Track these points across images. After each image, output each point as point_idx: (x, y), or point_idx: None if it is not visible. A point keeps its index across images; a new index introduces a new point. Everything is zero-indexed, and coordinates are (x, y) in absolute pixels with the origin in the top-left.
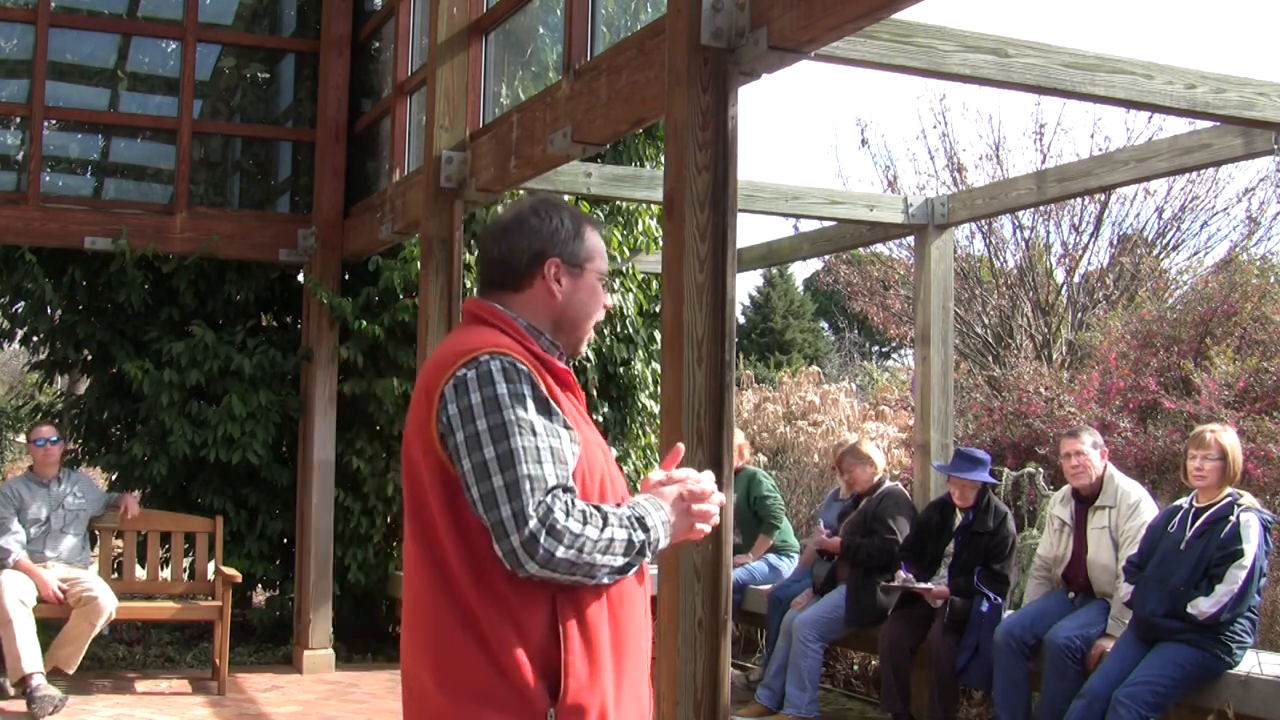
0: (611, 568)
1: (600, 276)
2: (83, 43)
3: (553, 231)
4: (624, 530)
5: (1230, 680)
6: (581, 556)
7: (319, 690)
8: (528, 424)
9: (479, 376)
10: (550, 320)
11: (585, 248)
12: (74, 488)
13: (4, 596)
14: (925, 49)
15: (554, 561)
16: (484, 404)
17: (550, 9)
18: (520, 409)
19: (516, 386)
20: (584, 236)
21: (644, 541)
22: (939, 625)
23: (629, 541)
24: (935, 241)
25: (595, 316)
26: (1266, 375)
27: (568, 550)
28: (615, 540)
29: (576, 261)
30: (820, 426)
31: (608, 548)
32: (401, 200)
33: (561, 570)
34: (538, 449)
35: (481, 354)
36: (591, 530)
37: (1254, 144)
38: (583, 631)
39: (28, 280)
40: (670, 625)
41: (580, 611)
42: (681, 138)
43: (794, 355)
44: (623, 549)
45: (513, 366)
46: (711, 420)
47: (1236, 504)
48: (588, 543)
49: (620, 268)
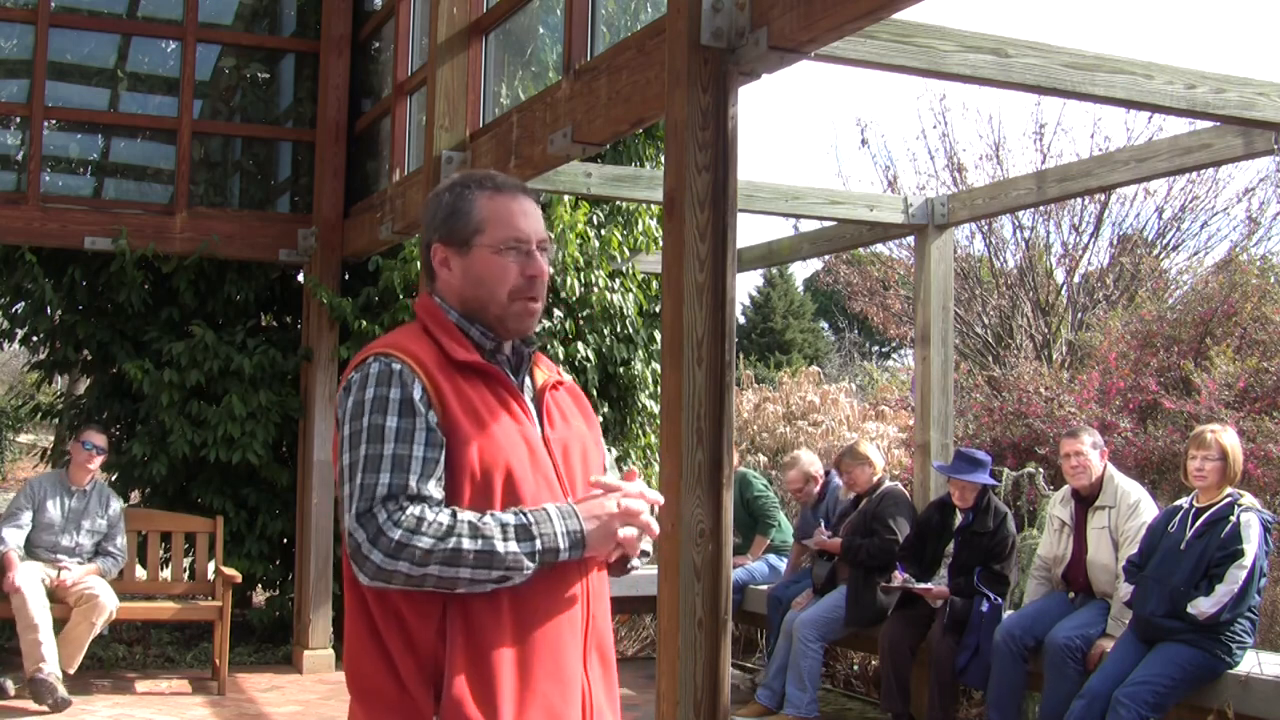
0: (468, 580)
1: (502, 246)
2: (83, 43)
3: (432, 216)
4: (479, 541)
5: (1230, 680)
6: (417, 569)
7: (319, 690)
8: (378, 429)
9: (361, 380)
10: (463, 305)
11: (471, 221)
12: (97, 512)
13: (27, 600)
14: (925, 49)
15: (384, 573)
16: (353, 408)
17: (550, 9)
18: (376, 414)
19: (382, 389)
20: (467, 210)
21: (520, 553)
22: (939, 625)
23: (488, 553)
24: (935, 241)
25: (505, 290)
26: (1266, 375)
27: (395, 561)
28: (464, 550)
29: (459, 239)
30: (820, 426)
31: (450, 559)
32: (401, 200)
33: (398, 581)
34: (380, 456)
35: (370, 355)
36: (423, 540)
37: (1254, 144)
38: (471, 644)
39: (28, 280)
40: (670, 625)
41: (470, 623)
42: (681, 138)
43: (794, 355)
44: (476, 560)
45: (387, 368)
46: (711, 420)
47: (1237, 504)
48: (418, 552)
49: (620, 268)
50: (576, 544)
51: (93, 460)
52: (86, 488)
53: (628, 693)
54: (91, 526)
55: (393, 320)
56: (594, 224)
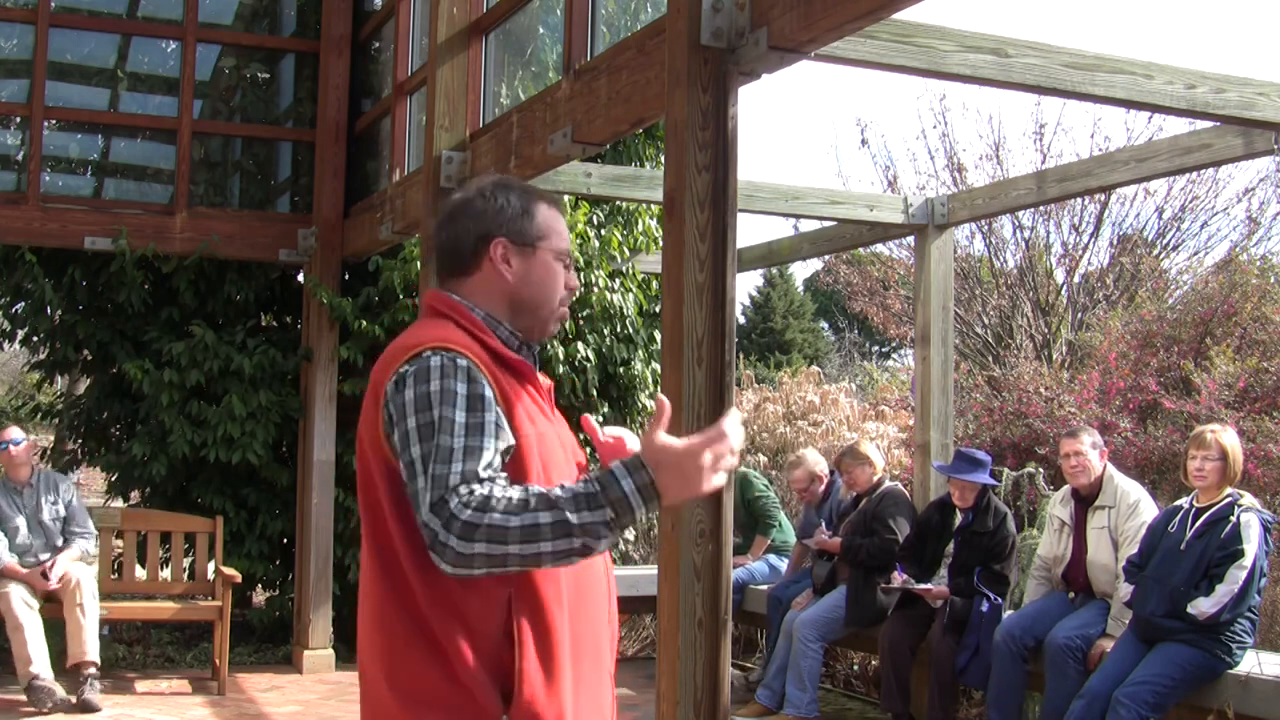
0: (549, 553)
1: (558, 255)
2: (83, 43)
3: (498, 210)
4: (551, 513)
5: (1230, 680)
6: (498, 548)
7: (319, 690)
8: (450, 422)
9: (417, 373)
10: (506, 305)
11: (536, 225)
12: (48, 497)
13: (11, 601)
14: (925, 49)
15: (464, 557)
16: (415, 401)
17: (550, 9)
18: (447, 406)
19: (449, 382)
20: (534, 214)
21: (594, 520)
22: (939, 625)
23: (562, 523)
24: (935, 241)
25: (556, 297)
26: (1266, 375)
27: (471, 544)
28: (540, 525)
29: (526, 240)
30: (820, 426)
31: (529, 534)
32: (401, 200)
33: (480, 565)
34: (451, 449)
35: (424, 349)
36: (494, 516)
37: (1254, 144)
38: (538, 634)
39: (28, 280)
40: (670, 625)
41: (536, 612)
42: (681, 138)
43: (794, 355)
44: (553, 532)
45: (451, 362)
46: (711, 420)
47: (1237, 504)
48: (495, 530)
49: (620, 268)
50: (650, 495)
51: (19, 457)
52: (31, 481)
53: (628, 692)
54: (51, 515)
55: (393, 320)
56: (594, 224)
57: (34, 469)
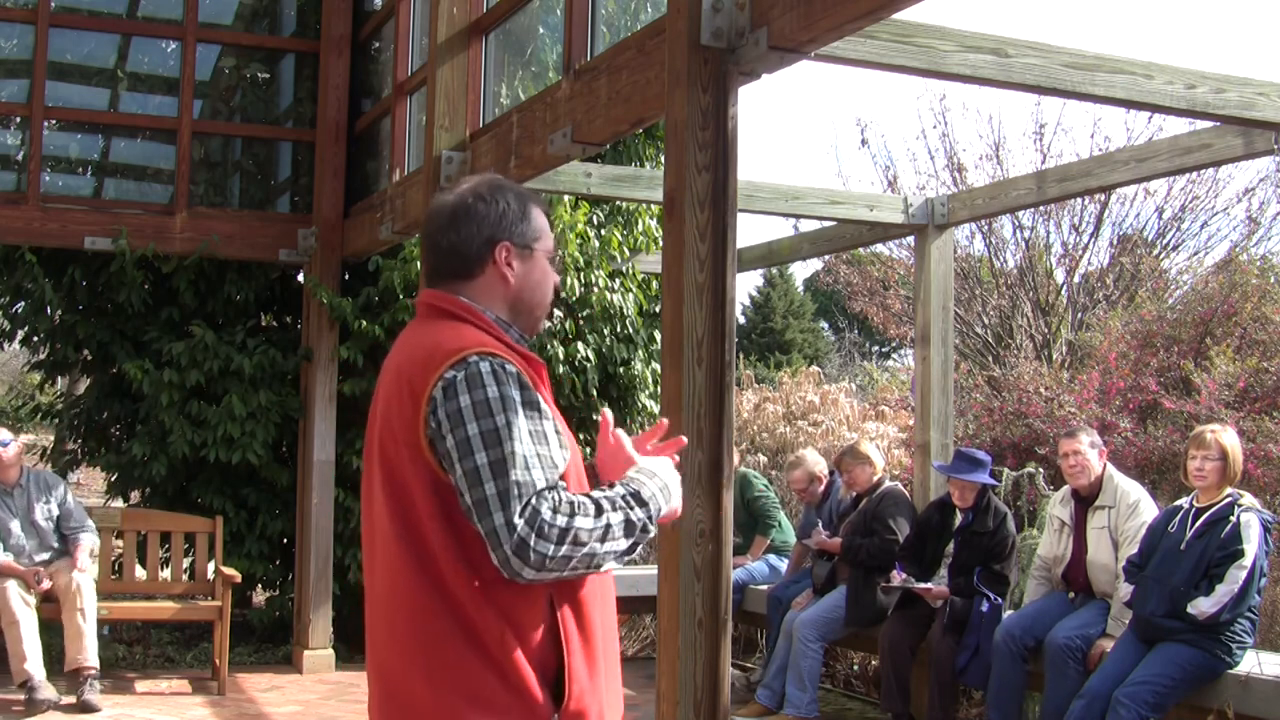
0: (616, 552)
1: (549, 255)
2: (83, 43)
3: (501, 215)
4: (619, 513)
5: (1230, 680)
6: (579, 550)
7: (319, 690)
8: (517, 429)
9: (468, 379)
10: (507, 306)
11: (533, 227)
12: (40, 498)
13: (9, 597)
14: (925, 49)
15: (550, 562)
16: (474, 407)
17: (550, 9)
18: (510, 413)
19: (506, 389)
20: (530, 216)
21: (644, 518)
22: (939, 625)
23: (628, 522)
24: (935, 241)
25: (550, 296)
26: (1266, 375)
27: (559, 547)
28: (612, 525)
29: (526, 243)
30: (820, 426)
31: (605, 534)
32: (401, 200)
33: (561, 569)
34: (525, 456)
35: (469, 355)
36: (583, 520)
37: (1254, 144)
38: (581, 632)
39: (28, 280)
40: (670, 625)
41: (578, 611)
42: (681, 138)
43: (794, 355)
44: (623, 531)
45: (502, 368)
46: (711, 420)
47: (1237, 504)
48: (581, 533)
49: (620, 268)
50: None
51: (6, 458)
52: (21, 482)
53: (628, 692)
54: (44, 514)
55: (393, 320)
56: (594, 224)
57: (24, 470)
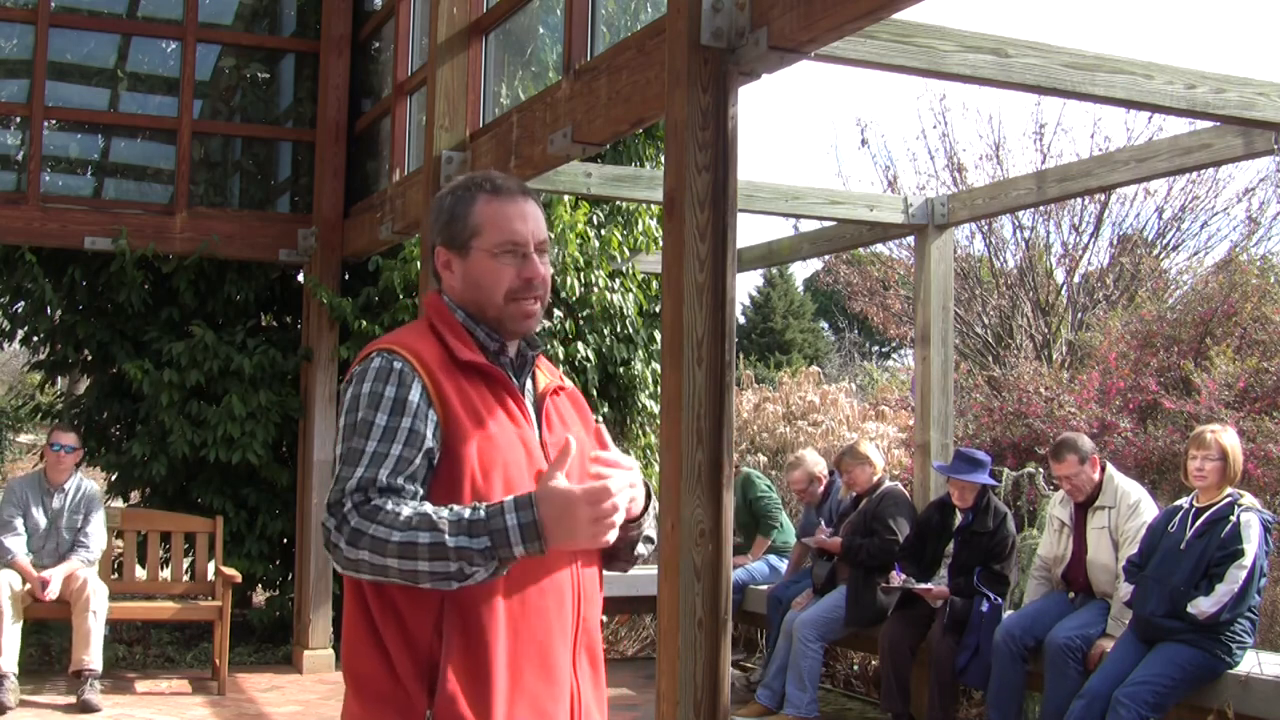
0: (428, 573)
1: (498, 249)
2: (83, 43)
3: (435, 219)
4: (431, 534)
5: (1230, 680)
6: (376, 558)
7: (319, 690)
8: (366, 425)
9: (359, 374)
10: (465, 307)
11: (467, 225)
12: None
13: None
14: (925, 49)
15: (351, 561)
16: (348, 402)
17: (550, 9)
18: (368, 410)
19: (378, 386)
20: (463, 215)
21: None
22: (939, 625)
23: (439, 544)
24: (935, 241)
25: (500, 292)
26: (1266, 375)
27: (354, 550)
28: (418, 544)
29: (457, 243)
30: (820, 426)
31: (406, 551)
32: (401, 200)
33: (365, 570)
34: (361, 451)
35: (374, 350)
36: (379, 530)
37: (1254, 144)
38: (467, 640)
39: (28, 280)
40: (670, 625)
41: (466, 618)
42: (681, 138)
43: (794, 355)
44: (430, 553)
45: (388, 365)
46: (711, 420)
47: (1237, 504)
48: (376, 541)
49: (620, 268)
50: (531, 536)
51: (64, 461)
52: (66, 486)
53: (628, 693)
54: (70, 525)
55: (393, 320)
56: (594, 224)
57: (73, 477)
